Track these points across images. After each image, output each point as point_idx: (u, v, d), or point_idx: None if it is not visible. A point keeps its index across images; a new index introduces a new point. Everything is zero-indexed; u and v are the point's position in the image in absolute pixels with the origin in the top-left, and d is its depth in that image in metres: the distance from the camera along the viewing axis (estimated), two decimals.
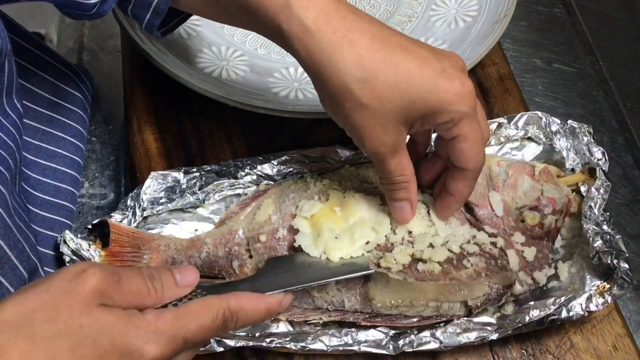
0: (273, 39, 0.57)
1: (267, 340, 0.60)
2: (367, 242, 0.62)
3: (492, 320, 0.61)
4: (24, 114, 0.67)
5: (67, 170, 0.73)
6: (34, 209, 0.67)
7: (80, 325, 0.43)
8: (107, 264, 0.63)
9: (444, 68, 0.54)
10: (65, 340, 0.42)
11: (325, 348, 0.60)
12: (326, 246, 0.61)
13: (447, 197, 0.61)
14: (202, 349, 0.60)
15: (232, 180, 0.70)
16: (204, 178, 0.70)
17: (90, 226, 0.66)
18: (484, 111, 0.60)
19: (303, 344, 0.60)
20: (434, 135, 0.66)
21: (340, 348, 0.60)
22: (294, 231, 0.63)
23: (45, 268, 0.63)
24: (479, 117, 0.58)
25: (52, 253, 0.67)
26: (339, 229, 0.62)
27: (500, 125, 0.72)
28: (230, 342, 0.60)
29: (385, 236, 0.62)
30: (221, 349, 0.60)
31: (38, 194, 0.69)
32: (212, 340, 0.60)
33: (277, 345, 0.60)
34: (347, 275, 0.60)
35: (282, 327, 0.63)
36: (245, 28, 0.61)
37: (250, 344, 0.60)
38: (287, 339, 0.60)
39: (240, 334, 0.61)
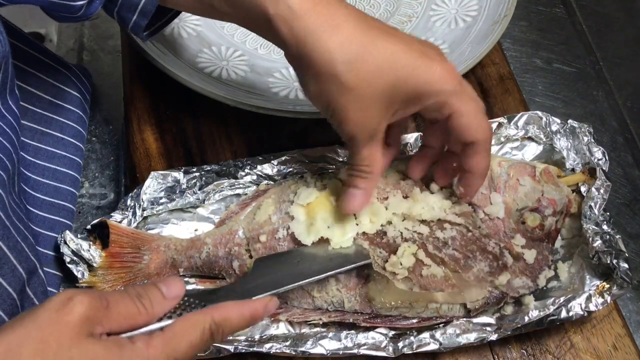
0: (255, 26, 0.57)
1: (267, 345, 0.60)
2: (362, 233, 0.62)
3: (492, 320, 0.61)
4: (22, 116, 0.66)
5: (66, 170, 0.72)
6: (33, 210, 0.67)
7: (71, 357, 0.42)
8: (99, 287, 0.64)
9: (424, 51, 0.55)
10: None
11: (325, 352, 0.60)
12: (318, 235, 0.62)
13: (467, 176, 0.60)
14: (203, 354, 0.60)
15: (232, 180, 0.70)
16: (204, 178, 0.70)
17: (90, 227, 0.66)
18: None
19: (303, 349, 0.60)
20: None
21: (340, 352, 0.60)
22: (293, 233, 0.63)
23: (45, 268, 0.63)
24: (469, 91, 0.58)
25: (52, 253, 0.67)
26: (333, 219, 0.63)
27: (500, 125, 0.72)
28: (230, 348, 0.60)
29: (381, 225, 0.63)
30: (221, 355, 0.60)
31: (38, 195, 0.69)
32: (212, 346, 0.60)
33: (277, 350, 0.60)
34: (336, 270, 0.60)
35: (282, 327, 0.63)
36: (225, 19, 0.61)
37: (251, 349, 0.60)
38: (287, 343, 0.60)
39: (240, 338, 0.61)
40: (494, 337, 0.60)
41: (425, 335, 0.60)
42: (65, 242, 0.64)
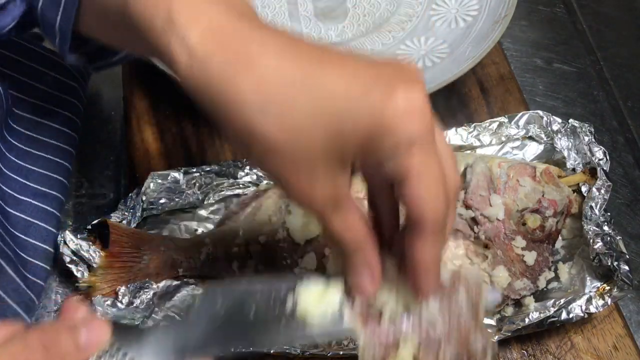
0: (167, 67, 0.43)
1: None
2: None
3: (492, 322, 0.61)
4: (16, 106, 0.67)
5: (55, 159, 0.72)
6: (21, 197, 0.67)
7: None
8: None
9: (379, 74, 0.39)
10: None
11: (325, 352, 0.60)
12: (310, 236, 0.61)
13: (413, 271, 0.42)
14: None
15: (232, 181, 0.70)
16: (203, 178, 0.69)
17: (90, 227, 0.65)
18: (444, 135, 0.49)
19: (303, 349, 0.60)
20: None
21: (341, 352, 0.60)
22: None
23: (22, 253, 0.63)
24: (442, 149, 0.40)
25: (42, 245, 0.66)
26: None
27: (501, 124, 0.72)
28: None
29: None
30: (221, 355, 0.60)
31: (25, 181, 0.68)
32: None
33: (277, 350, 0.60)
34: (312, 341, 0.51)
35: None
36: (139, 53, 0.50)
37: (251, 348, 0.60)
38: None
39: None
40: (494, 339, 0.60)
41: None
42: (65, 242, 0.64)
